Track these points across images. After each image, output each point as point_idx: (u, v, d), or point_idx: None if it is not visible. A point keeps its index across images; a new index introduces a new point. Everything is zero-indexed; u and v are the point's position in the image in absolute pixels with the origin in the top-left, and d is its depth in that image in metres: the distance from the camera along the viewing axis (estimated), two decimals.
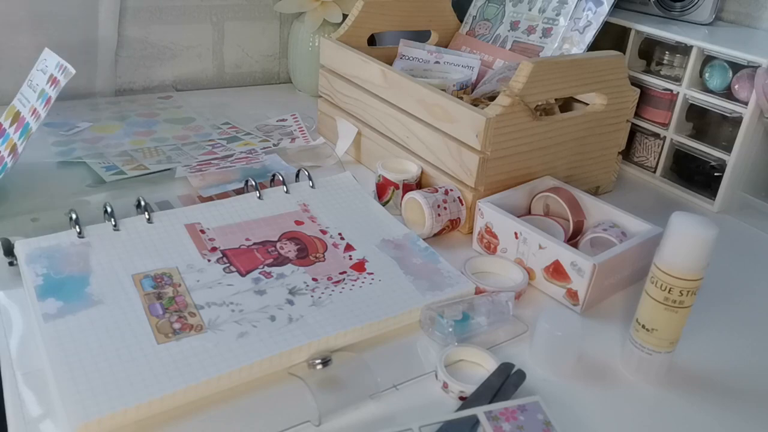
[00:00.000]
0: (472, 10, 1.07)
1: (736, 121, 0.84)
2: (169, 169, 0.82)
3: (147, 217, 0.67)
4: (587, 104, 0.85)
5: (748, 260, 0.79)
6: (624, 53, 0.93)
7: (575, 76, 0.76)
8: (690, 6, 0.94)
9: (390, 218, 0.74)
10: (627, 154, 0.98)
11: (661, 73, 0.93)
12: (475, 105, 0.81)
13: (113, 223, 0.65)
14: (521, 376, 0.54)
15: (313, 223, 0.71)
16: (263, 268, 0.63)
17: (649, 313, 0.55)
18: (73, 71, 0.71)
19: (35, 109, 0.74)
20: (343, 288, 0.62)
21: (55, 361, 0.50)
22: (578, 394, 0.55)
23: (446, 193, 0.74)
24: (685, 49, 0.89)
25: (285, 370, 0.54)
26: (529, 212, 0.77)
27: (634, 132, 0.96)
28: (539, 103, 0.81)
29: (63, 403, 0.47)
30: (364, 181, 0.84)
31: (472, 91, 0.93)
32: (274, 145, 0.94)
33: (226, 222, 0.69)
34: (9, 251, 0.62)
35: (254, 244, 0.67)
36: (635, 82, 0.90)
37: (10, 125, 0.78)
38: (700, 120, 0.92)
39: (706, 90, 0.88)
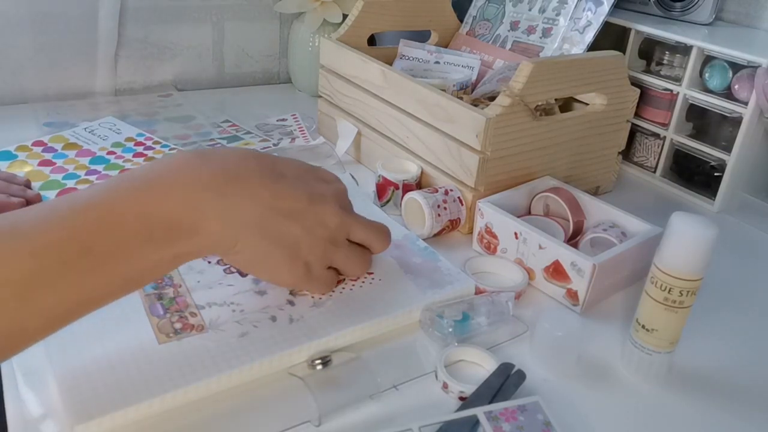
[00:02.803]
0: (472, 10, 1.07)
1: (736, 121, 0.84)
2: None
3: None
4: (587, 104, 0.85)
5: (749, 260, 0.79)
6: (624, 53, 0.93)
7: (575, 76, 0.76)
8: (690, 6, 0.94)
9: (389, 218, 0.74)
10: (627, 154, 0.98)
11: (661, 73, 0.93)
12: (475, 105, 0.81)
13: None
14: (521, 376, 0.54)
15: None
16: None
17: (649, 313, 0.55)
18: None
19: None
20: (343, 288, 0.62)
21: (55, 361, 0.50)
22: (578, 394, 0.55)
23: (446, 193, 0.74)
24: (685, 49, 0.89)
25: (285, 370, 0.54)
26: (529, 212, 0.77)
27: (634, 132, 0.96)
28: (539, 103, 0.81)
29: (63, 403, 0.47)
30: (364, 181, 0.84)
31: (472, 91, 0.93)
32: (274, 144, 0.94)
33: None
34: None
35: None
36: (635, 82, 0.90)
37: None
38: (700, 120, 0.92)
39: (706, 90, 0.88)
